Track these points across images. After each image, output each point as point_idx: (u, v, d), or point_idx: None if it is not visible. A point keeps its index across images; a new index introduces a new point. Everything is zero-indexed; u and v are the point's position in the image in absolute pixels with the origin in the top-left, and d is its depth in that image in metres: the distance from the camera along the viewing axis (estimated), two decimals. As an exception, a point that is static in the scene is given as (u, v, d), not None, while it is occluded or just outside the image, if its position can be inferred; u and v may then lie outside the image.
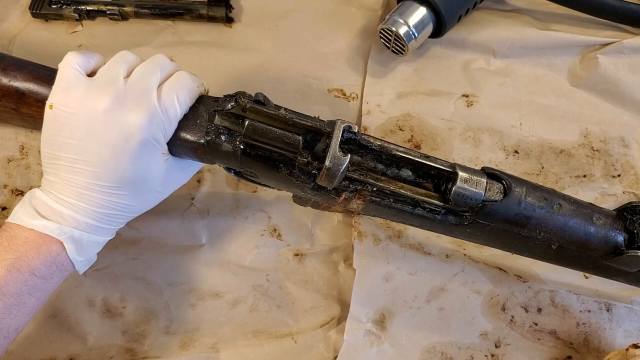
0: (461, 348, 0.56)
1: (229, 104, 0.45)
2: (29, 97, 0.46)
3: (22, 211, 0.44)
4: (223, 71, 0.65)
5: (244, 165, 0.46)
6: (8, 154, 0.60)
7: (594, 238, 0.46)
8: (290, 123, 0.44)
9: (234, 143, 0.45)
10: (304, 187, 0.45)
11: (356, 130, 0.44)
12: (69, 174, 0.43)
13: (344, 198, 0.46)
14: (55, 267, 0.43)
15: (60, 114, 0.42)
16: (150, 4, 0.66)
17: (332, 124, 0.43)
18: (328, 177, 0.43)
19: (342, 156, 0.42)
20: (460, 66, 0.68)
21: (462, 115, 0.66)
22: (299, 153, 0.44)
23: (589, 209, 0.47)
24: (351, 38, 0.69)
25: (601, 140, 0.65)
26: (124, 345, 0.54)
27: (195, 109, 0.46)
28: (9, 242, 0.42)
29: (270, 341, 0.56)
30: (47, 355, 0.53)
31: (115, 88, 0.42)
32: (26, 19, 0.66)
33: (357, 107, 0.66)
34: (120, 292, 0.56)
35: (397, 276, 0.58)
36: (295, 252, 0.59)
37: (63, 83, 0.43)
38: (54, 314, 0.55)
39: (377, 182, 0.45)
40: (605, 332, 0.57)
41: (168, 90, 0.44)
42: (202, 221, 0.59)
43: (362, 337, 0.55)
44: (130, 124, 0.42)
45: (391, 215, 0.47)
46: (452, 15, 0.64)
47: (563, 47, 0.68)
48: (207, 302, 0.57)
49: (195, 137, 0.45)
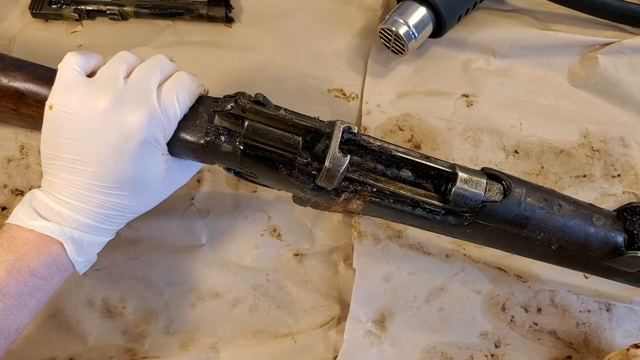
0: (461, 348, 0.56)
1: (229, 105, 0.45)
2: (28, 97, 0.45)
3: (22, 212, 0.44)
4: (223, 71, 0.65)
5: (243, 166, 0.46)
6: (8, 154, 0.60)
7: (594, 239, 0.46)
8: (290, 124, 0.44)
9: (234, 144, 0.45)
10: (303, 187, 0.45)
11: (356, 131, 0.44)
12: (69, 174, 0.43)
13: (343, 198, 0.46)
14: (55, 268, 0.43)
15: (60, 114, 0.42)
16: (150, 4, 0.66)
17: (331, 124, 0.43)
18: (328, 177, 0.42)
19: (341, 157, 0.42)
20: (460, 66, 0.68)
21: (462, 115, 0.66)
22: (299, 154, 0.44)
23: (589, 209, 0.47)
24: (351, 38, 0.69)
25: (601, 140, 0.65)
26: (124, 345, 0.55)
27: (195, 110, 0.46)
28: (9, 243, 0.42)
29: (270, 341, 0.56)
30: (47, 355, 0.53)
31: (115, 88, 0.42)
32: (26, 18, 0.66)
33: (357, 107, 0.65)
34: (120, 292, 0.56)
35: (397, 276, 0.58)
36: (295, 252, 0.59)
37: (63, 83, 0.43)
38: (54, 314, 0.55)
39: (376, 183, 0.45)
40: (605, 332, 0.57)
41: (168, 90, 0.44)
42: (202, 221, 0.59)
43: (362, 337, 0.55)
44: (130, 125, 0.42)
45: (391, 216, 0.47)
46: (452, 15, 0.64)
47: (563, 47, 0.68)
48: (207, 302, 0.57)
49: (194, 138, 0.45)
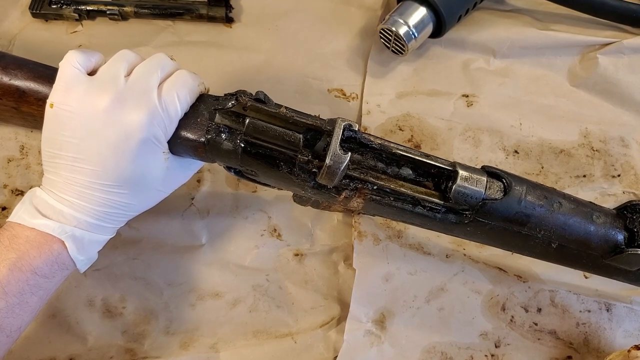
0: (461, 348, 0.56)
1: (230, 103, 0.45)
2: (29, 95, 0.45)
3: (23, 210, 0.44)
4: (223, 71, 0.65)
5: (244, 164, 0.46)
6: (8, 154, 0.60)
7: (594, 236, 0.46)
8: (291, 121, 0.44)
9: (235, 141, 0.45)
10: (304, 185, 0.45)
11: (357, 129, 0.44)
12: (70, 172, 0.43)
13: (344, 196, 0.45)
14: (56, 266, 0.43)
15: (60, 112, 0.42)
16: (150, 4, 0.66)
17: (332, 122, 0.43)
18: (328, 175, 0.42)
19: (342, 154, 0.42)
20: (460, 66, 0.68)
21: (462, 115, 0.66)
22: (300, 151, 0.44)
23: (589, 207, 0.47)
24: (351, 38, 0.69)
25: (601, 140, 0.65)
26: (124, 345, 0.54)
27: (195, 108, 0.46)
28: (10, 242, 0.42)
29: (270, 341, 0.56)
30: (47, 355, 0.53)
31: (116, 87, 0.42)
32: (26, 18, 0.66)
33: (357, 107, 0.66)
34: (120, 292, 0.56)
35: (397, 276, 0.58)
36: (295, 252, 0.59)
37: (64, 82, 0.43)
38: (54, 314, 0.54)
39: (377, 181, 0.45)
40: (605, 332, 0.57)
41: (168, 89, 0.44)
42: (202, 221, 0.59)
43: (362, 337, 0.55)
44: (131, 123, 0.42)
45: (391, 214, 0.47)
46: (452, 15, 0.64)
47: (563, 47, 0.68)
48: (207, 302, 0.57)
49: (195, 136, 0.45)
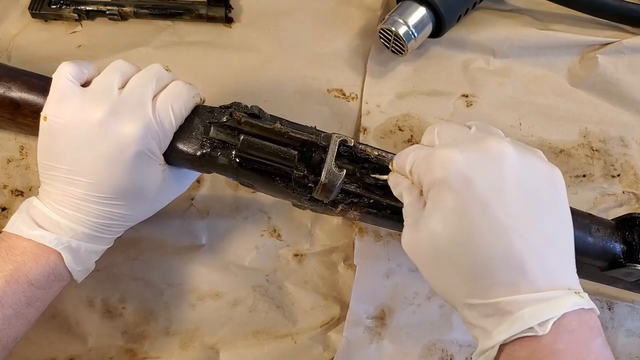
0: (462, 346, 0.56)
1: (224, 117, 0.45)
2: (24, 108, 0.45)
3: (20, 221, 0.43)
4: (223, 71, 0.65)
5: (240, 177, 0.46)
6: (8, 155, 0.60)
7: (592, 250, 0.46)
8: (286, 137, 0.44)
9: (229, 156, 0.45)
10: (300, 198, 0.46)
11: (352, 144, 0.44)
12: (65, 184, 0.42)
13: (340, 209, 0.46)
14: (53, 277, 0.43)
15: (54, 125, 0.42)
16: (150, 4, 0.66)
17: (327, 137, 0.44)
18: (324, 192, 0.43)
19: (337, 172, 0.42)
20: (460, 66, 0.68)
21: (461, 115, 0.65)
22: (295, 167, 0.44)
23: (588, 219, 0.47)
24: (351, 38, 0.69)
25: (600, 140, 0.65)
26: (124, 345, 0.54)
27: (190, 121, 0.45)
28: (7, 253, 0.42)
29: (270, 341, 0.56)
30: (47, 356, 0.53)
31: (110, 99, 0.42)
32: (25, 19, 0.66)
33: (356, 107, 0.65)
34: (120, 293, 0.56)
35: (398, 273, 0.58)
36: (295, 253, 0.59)
37: (57, 94, 0.42)
38: (54, 314, 0.54)
39: (372, 195, 0.45)
40: (607, 331, 0.57)
41: (163, 101, 0.43)
42: (201, 222, 0.59)
43: (362, 334, 0.55)
44: (125, 136, 0.41)
45: (389, 226, 0.48)
46: (452, 15, 0.64)
47: (562, 47, 0.68)
48: (207, 302, 0.57)
49: (191, 150, 0.45)
